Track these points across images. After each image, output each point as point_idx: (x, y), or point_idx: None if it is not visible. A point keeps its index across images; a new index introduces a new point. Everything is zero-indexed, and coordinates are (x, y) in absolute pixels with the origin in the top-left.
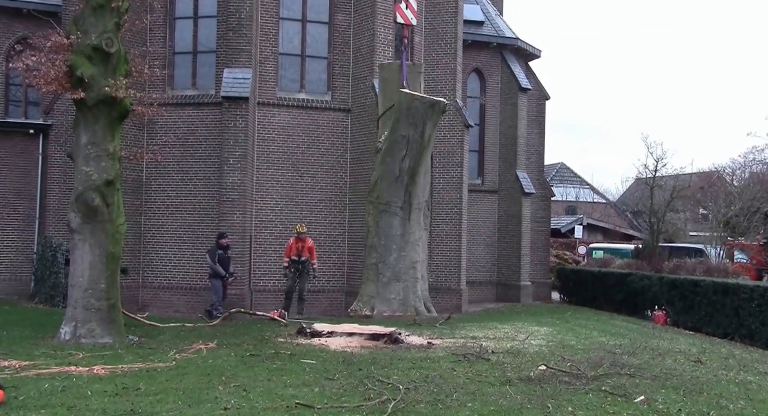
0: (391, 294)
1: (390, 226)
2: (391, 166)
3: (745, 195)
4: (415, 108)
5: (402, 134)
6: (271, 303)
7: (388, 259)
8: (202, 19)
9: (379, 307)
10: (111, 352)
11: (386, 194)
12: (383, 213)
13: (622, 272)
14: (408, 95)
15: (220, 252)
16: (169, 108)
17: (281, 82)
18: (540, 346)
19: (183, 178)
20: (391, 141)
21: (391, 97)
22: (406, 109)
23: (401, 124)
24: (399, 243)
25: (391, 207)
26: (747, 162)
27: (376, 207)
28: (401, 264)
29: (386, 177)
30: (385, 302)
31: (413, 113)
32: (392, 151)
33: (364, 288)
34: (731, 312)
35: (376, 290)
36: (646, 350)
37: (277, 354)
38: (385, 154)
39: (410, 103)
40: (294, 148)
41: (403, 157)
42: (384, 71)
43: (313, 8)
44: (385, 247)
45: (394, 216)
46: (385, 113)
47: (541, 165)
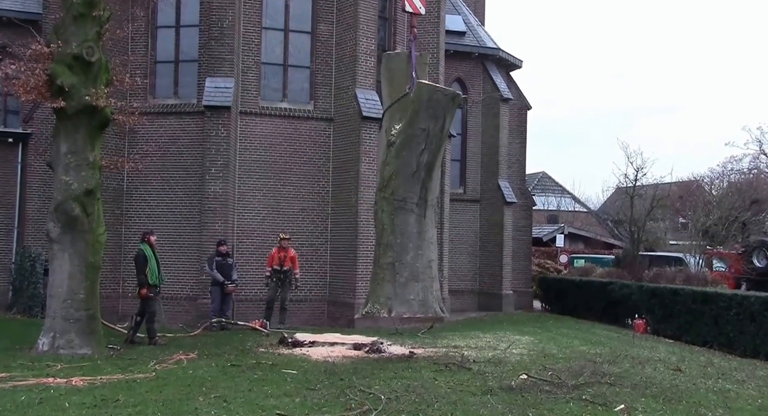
0: (410, 295)
1: (406, 224)
2: (408, 160)
3: (723, 204)
4: (436, 100)
5: (421, 127)
6: (253, 312)
7: (405, 258)
8: (185, 28)
9: (397, 309)
10: (90, 363)
11: (402, 190)
12: (399, 210)
13: (602, 281)
14: (430, 86)
15: (218, 259)
16: (151, 117)
17: (263, 91)
18: (521, 355)
19: (164, 187)
20: (408, 134)
21: (399, 89)
22: (426, 101)
23: (421, 116)
24: (416, 242)
25: (407, 203)
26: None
27: (390, 203)
28: (418, 263)
29: (402, 172)
30: (405, 303)
31: (434, 105)
32: (409, 144)
33: (380, 289)
34: (710, 320)
35: (393, 291)
36: (627, 359)
37: (259, 364)
38: (401, 148)
39: (432, 94)
40: (276, 157)
41: (422, 151)
42: (390, 61)
43: (296, 18)
44: (401, 246)
45: (410, 214)
46: (392, 105)
47: (522, 174)
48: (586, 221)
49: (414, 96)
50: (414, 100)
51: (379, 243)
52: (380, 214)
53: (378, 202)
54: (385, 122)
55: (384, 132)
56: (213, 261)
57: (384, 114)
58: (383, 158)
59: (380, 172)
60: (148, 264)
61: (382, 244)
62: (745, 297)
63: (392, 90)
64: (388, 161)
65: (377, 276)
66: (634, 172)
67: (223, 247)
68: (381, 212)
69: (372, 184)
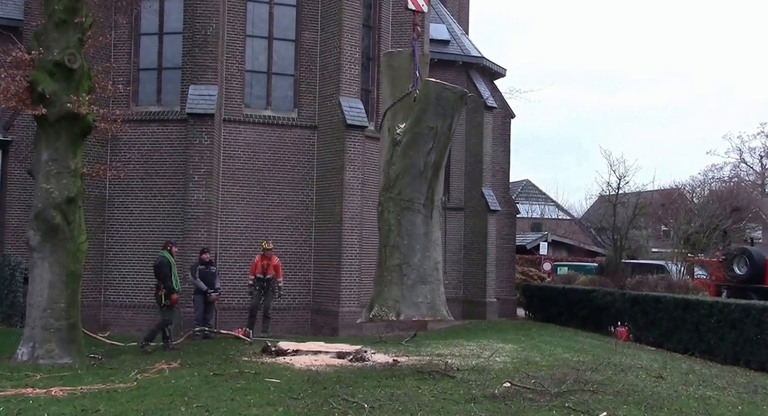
0: (418, 298)
1: (413, 225)
2: (415, 159)
3: (704, 212)
4: (445, 98)
5: (429, 126)
6: (236, 321)
7: (412, 260)
8: (168, 36)
9: (406, 312)
10: (70, 373)
11: (409, 190)
12: (406, 211)
13: (585, 288)
14: (438, 84)
15: (202, 268)
16: (134, 124)
17: (247, 99)
18: (505, 363)
19: (147, 194)
20: (415, 133)
21: (401, 87)
22: (435, 99)
23: (428, 114)
24: (423, 243)
25: (414, 204)
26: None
27: (397, 204)
28: (426, 265)
29: (409, 171)
30: (413, 306)
31: (443, 103)
32: (416, 143)
33: (387, 292)
34: (692, 327)
35: (401, 293)
36: (609, 366)
37: (242, 373)
38: (408, 147)
39: (441, 92)
40: (260, 165)
41: (430, 150)
42: (392, 59)
43: (280, 26)
44: (408, 247)
45: (417, 214)
46: (395, 104)
47: (506, 182)
48: (570, 229)
49: (421, 94)
50: (421, 98)
51: (386, 245)
52: (386, 215)
53: (383, 202)
54: (388, 121)
55: (386, 131)
56: (196, 270)
57: (386, 112)
58: (387, 157)
59: (384, 172)
60: (172, 272)
61: (388, 246)
62: (726, 304)
63: (394, 88)
64: (393, 160)
65: (384, 278)
66: (617, 180)
67: (206, 255)
68: (387, 213)
69: (356, 191)
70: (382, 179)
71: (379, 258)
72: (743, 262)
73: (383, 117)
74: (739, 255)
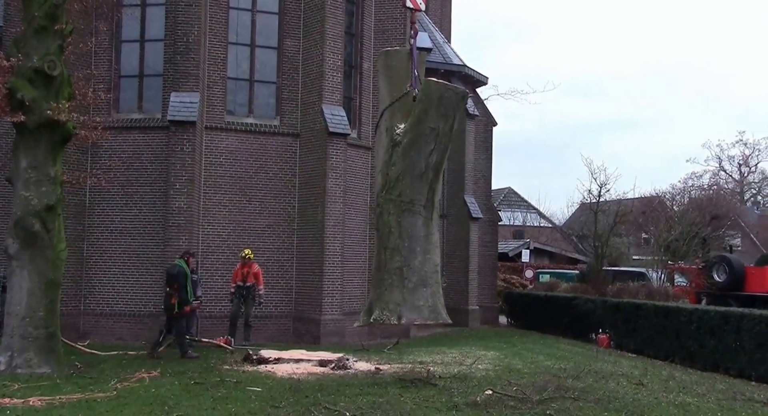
0: (419, 301)
1: (414, 227)
2: (416, 160)
3: (684, 220)
4: (447, 98)
5: (431, 126)
6: (218, 329)
7: (413, 263)
8: (149, 43)
9: (408, 315)
10: (49, 383)
11: (410, 191)
12: (406, 213)
13: (567, 296)
14: (440, 84)
15: None
16: (114, 132)
17: (229, 106)
18: (487, 371)
19: (128, 202)
20: (416, 133)
21: (399, 86)
22: (437, 100)
23: (430, 115)
24: (423, 245)
25: (415, 205)
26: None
27: (398, 205)
28: (426, 267)
29: (409, 173)
30: (415, 309)
31: (444, 104)
32: (417, 144)
33: (388, 295)
34: (672, 334)
35: (402, 297)
36: (590, 373)
37: (223, 381)
38: (409, 148)
39: (443, 92)
40: (242, 172)
41: (431, 152)
42: (390, 58)
43: (262, 33)
44: (409, 249)
45: (417, 216)
46: (393, 103)
47: (488, 190)
48: (552, 236)
49: (423, 94)
50: (423, 99)
51: (385, 247)
52: (386, 217)
53: (383, 203)
54: (385, 121)
55: (384, 131)
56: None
57: (383, 112)
58: (385, 158)
59: (382, 173)
60: (187, 282)
61: (388, 248)
62: (706, 311)
63: (392, 88)
64: (393, 161)
65: (384, 281)
66: (598, 188)
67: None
68: (387, 214)
69: (339, 199)
70: (381, 180)
71: (377, 261)
72: (722, 270)
73: (380, 116)
74: (719, 263)
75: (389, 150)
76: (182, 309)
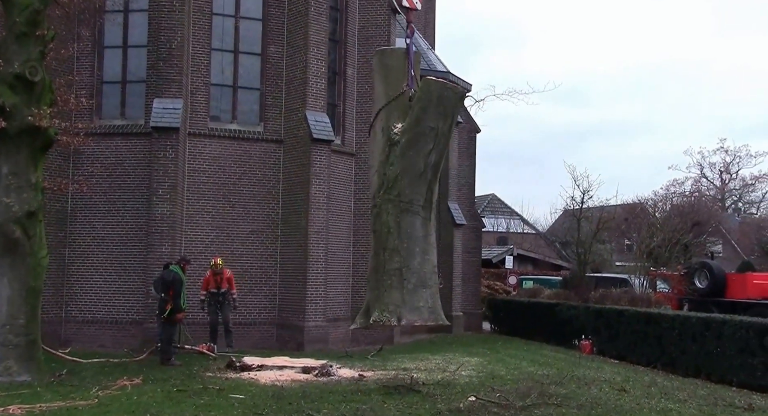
0: (419, 302)
1: (413, 227)
2: (415, 160)
3: (666, 226)
4: (446, 97)
5: (430, 125)
6: (201, 336)
7: (412, 264)
8: (132, 49)
9: (408, 317)
10: (29, 391)
11: (409, 191)
12: (405, 213)
13: (550, 302)
14: (439, 83)
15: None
16: (97, 138)
17: (213, 112)
18: (470, 377)
19: (110, 209)
20: (415, 133)
21: (395, 85)
22: (437, 99)
23: (429, 114)
24: (422, 246)
25: (413, 205)
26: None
27: (396, 206)
28: (425, 268)
29: (408, 172)
30: (415, 311)
31: (444, 103)
32: (416, 143)
33: (387, 297)
34: (654, 340)
35: (401, 298)
36: (573, 379)
37: (205, 389)
38: (407, 147)
39: (442, 91)
40: (225, 178)
41: (430, 151)
42: (385, 57)
43: (246, 40)
44: (408, 250)
45: (416, 216)
46: (390, 103)
47: (472, 196)
48: (535, 243)
49: (422, 93)
50: (421, 97)
51: (384, 248)
52: (385, 217)
53: (381, 204)
54: (381, 121)
55: (379, 130)
56: (160, 284)
57: (379, 112)
58: (382, 158)
59: (378, 173)
60: (182, 289)
61: (387, 249)
62: (687, 317)
63: (388, 87)
64: (391, 161)
65: (383, 282)
66: (581, 195)
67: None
68: (386, 215)
69: (322, 205)
70: (377, 180)
71: (375, 262)
72: (704, 276)
73: (375, 116)
74: (700, 269)
75: (386, 149)
76: (174, 316)
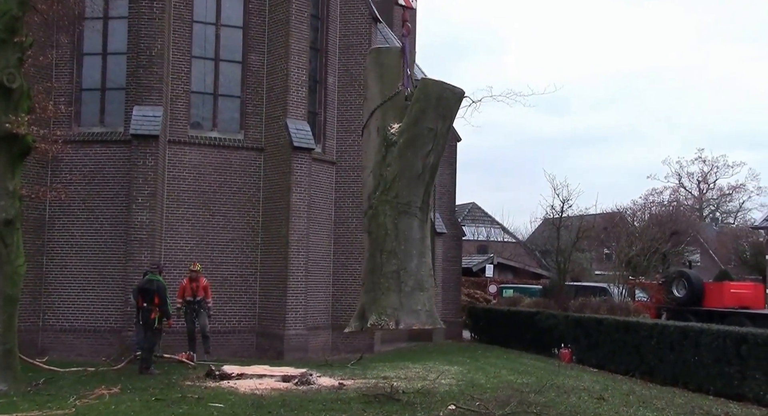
0: (417, 306)
1: (410, 229)
2: (413, 161)
3: (645, 236)
4: (446, 98)
5: (429, 127)
6: (180, 345)
7: (409, 266)
8: (111, 56)
9: (406, 320)
10: (5, 400)
11: (406, 193)
12: (403, 215)
13: (530, 311)
14: (438, 83)
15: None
16: (75, 145)
17: (193, 120)
18: (450, 386)
19: (89, 216)
20: (413, 133)
21: (391, 85)
22: (436, 100)
23: (428, 115)
24: (419, 248)
25: (411, 207)
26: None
27: (394, 207)
28: (422, 271)
29: (406, 174)
30: (413, 314)
31: (443, 104)
32: (415, 144)
33: (385, 300)
34: (632, 349)
35: (399, 301)
36: (552, 388)
37: (184, 398)
38: (405, 148)
39: (442, 92)
40: (205, 186)
41: (429, 152)
42: (381, 56)
43: (226, 48)
44: (405, 253)
45: (413, 218)
46: (385, 102)
47: (452, 205)
48: (515, 251)
49: (420, 93)
50: (420, 98)
51: (381, 250)
52: (382, 219)
53: (377, 205)
54: (377, 120)
55: (374, 130)
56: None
57: (374, 111)
58: (378, 158)
59: (374, 174)
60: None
61: (384, 251)
62: (665, 326)
63: (383, 86)
64: (389, 162)
65: (380, 285)
66: (561, 204)
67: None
68: (383, 216)
69: (303, 213)
70: (373, 181)
71: (370, 265)
72: (682, 285)
73: (370, 116)
74: (678, 278)
75: (382, 150)
76: (162, 324)
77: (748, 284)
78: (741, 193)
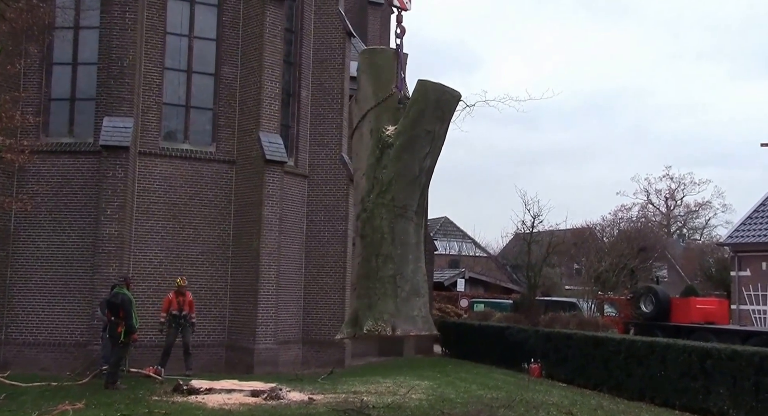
0: (413, 311)
1: (406, 233)
2: (410, 164)
3: (614, 251)
4: (444, 101)
5: (427, 129)
6: (148, 359)
7: (405, 271)
8: (82, 66)
9: (402, 326)
10: None
11: (403, 196)
12: (399, 219)
13: (500, 325)
14: (437, 86)
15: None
16: (43, 155)
17: (164, 132)
18: (420, 400)
19: (55, 228)
20: (411, 136)
21: (385, 86)
22: (434, 102)
23: (426, 117)
24: (415, 253)
25: (408, 211)
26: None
27: (390, 211)
28: (418, 276)
29: (402, 177)
30: (409, 320)
31: (442, 106)
32: (412, 147)
33: (381, 305)
34: (601, 364)
35: (395, 307)
36: (522, 403)
37: (151, 413)
38: (402, 151)
39: (441, 95)
40: (176, 199)
41: (426, 155)
42: (375, 57)
43: (199, 59)
44: (401, 257)
45: (409, 222)
46: (379, 104)
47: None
48: (487, 266)
49: (418, 95)
50: (418, 100)
51: (377, 254)
52: (378, 222)
53: (373, 208)
54: (370, 122)
55: (368, 132)
56: (105, 306)
57: (366, 113)
58: (371, 161)
59: (368, 176)
60: (133, 308)
61: (380, 255)
62: (633, 341)
63: (377, 87)
64: (384, 164)
65: (376, 290)
66: (531, 219)
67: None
68: (380, 219)
69: (274, 227)
70: (367, 184)
71: (364, 270)
72: (649, 300)
73: (362, 117)
74: (646, 294)
75: (377, 152)
76: (129, 338)
77: (713, 300)
78: (707, 210)
